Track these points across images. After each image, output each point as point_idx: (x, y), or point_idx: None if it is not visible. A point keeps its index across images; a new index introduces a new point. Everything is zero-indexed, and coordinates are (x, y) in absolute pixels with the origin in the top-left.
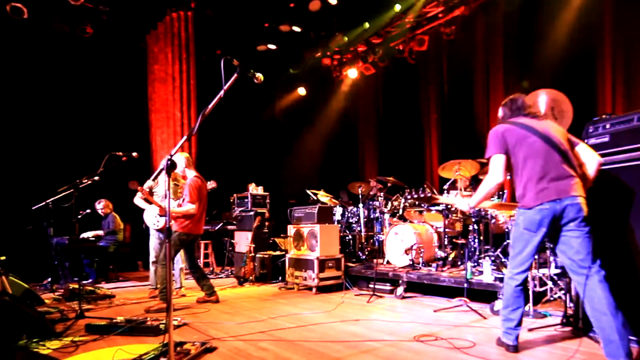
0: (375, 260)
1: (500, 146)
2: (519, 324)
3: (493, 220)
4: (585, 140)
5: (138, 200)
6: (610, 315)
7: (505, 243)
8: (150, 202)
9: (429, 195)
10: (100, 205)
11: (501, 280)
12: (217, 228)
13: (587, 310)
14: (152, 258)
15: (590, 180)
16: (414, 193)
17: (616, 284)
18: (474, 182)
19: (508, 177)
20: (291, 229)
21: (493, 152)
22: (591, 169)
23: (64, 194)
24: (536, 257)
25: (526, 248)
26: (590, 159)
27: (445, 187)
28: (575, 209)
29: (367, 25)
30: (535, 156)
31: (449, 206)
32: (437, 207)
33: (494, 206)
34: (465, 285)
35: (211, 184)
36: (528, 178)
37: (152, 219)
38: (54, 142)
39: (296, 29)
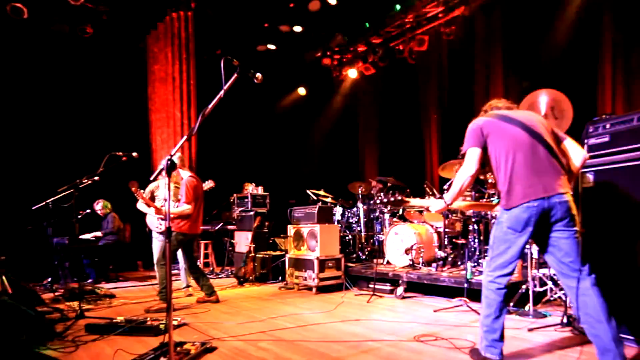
0: (375, 260)
1: (477, 140)
2: (502, 336)
3: (493, 220)
4: (585, 140)
5: (141, 205)
6: (605, 323)
7: None
8: (147, 204)
9: (399, 198)
10: (99, 206)
11: None
12: (217, 228)
13: (579, 316)
14: (155, 260)
15: (574, 175)
16: (382, 196)
17: (610, 283)
18: (475, 183)
19: (490, 178)
20: (291, 229)
21: (469, 145)
22: (577, 163)
23: (64, 194)
24: (536, 257)
25: (510, 249)
26: (576, 154)
27: (445, 187)
28: (563, 208)
29: (367, 25)
30: (520, 149)
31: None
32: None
33: (469, 207)
34: (465, 285)
35: (209, 184)
36: (513, 173)
37: (155, 222)
38: (54, 142)
39: (296, 28)
